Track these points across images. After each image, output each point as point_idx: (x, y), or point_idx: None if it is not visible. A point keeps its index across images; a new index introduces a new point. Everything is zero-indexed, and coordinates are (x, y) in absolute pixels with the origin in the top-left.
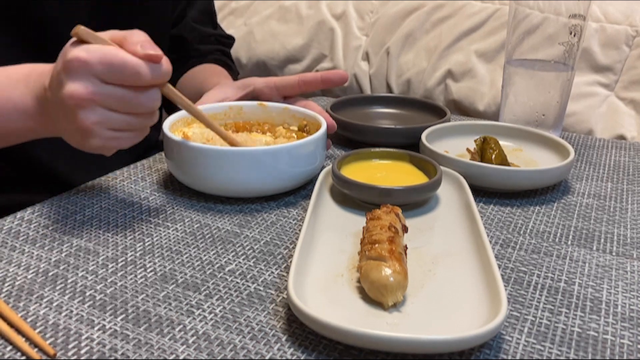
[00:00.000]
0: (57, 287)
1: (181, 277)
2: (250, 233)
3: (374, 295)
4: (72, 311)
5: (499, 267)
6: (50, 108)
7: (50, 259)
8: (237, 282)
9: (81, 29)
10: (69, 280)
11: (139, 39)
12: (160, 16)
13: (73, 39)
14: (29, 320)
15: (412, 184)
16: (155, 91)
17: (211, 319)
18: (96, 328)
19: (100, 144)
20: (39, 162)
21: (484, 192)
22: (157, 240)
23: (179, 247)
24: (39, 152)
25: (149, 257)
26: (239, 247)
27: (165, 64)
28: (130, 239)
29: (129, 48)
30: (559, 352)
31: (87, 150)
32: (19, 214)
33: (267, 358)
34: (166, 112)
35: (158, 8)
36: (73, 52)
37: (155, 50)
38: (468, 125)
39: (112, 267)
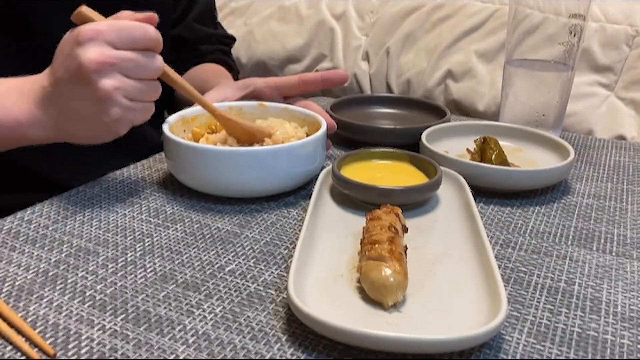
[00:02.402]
0: (57, 287)
1: (181, 277)
2: (250, 233)
3: (374, 295)
4: (72, 311)
5: (499, 267)
6: (58, 101)
7: (50, 259)
8: (237, 282)
9: (84, 8)
10: (69, 281)
11: (129, 13)
12: (161, 16)
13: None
14: (29, 320)
15: (412, 184)
16: (159, 56)
17: (211, 319)
18: (96, 328)
19: (120, 113)
20: (34, 169)
21: (484, 192)
22: (157, 240)
23: (179, 247)
24: (34, 159)
25: (149, 257)
26: (239, 247)
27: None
28: (130, 239)
29: (127, 18)
30: (559, 352)
31: (103, 135)
32: (19, 214)
33: (267, 358)
34: (167, 112)
35: (159, 8)
36: (83, 27)
37: (148, 13)
38: (468, 125)
39: (112, 267)
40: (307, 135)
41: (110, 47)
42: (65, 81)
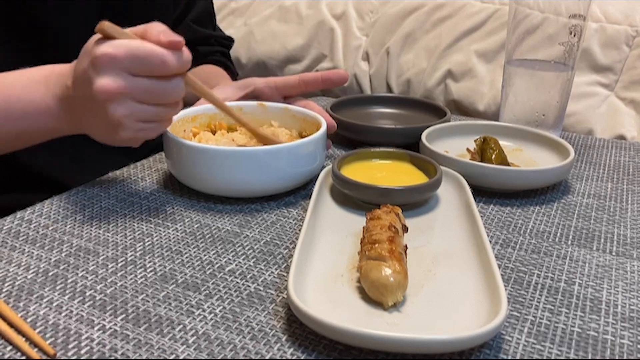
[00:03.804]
0: (57, 287)
1: (181, 277)
2: (250, 233)
3: (374, 295)
4: (72, 311)
5: (499, 267)
6: (77, 106)
7: (50, 259)
8: (237, 282)
9: (106, 24)
10: (69, 280)
11: (159, 29)
12: (160, 18)
13: (97, 36)
14: (29, 320)
15: (412, 184)
16: (180, 79)
17: (211, 319)
18: (96, 328)
19: (130, 135)
20: (34, 168)
21: (484, 192)
22: (157, 240)
23: (179, 247)
24: (33, 158)
25: (149, 257)
26: (239, 247)
27: (186, 51)
28: (130, 239)
29: (151, 39)
30: (559, 352)
31: (116, 144)
32: (19, 214)
33: (267, 358)
34: None
35: (157, 10)
36: (100, 48)
37: (176, 37)
38: (468, 125)
39: (112, 267)
40: (304, 135)
41: (126, 73)
42: (80, 98)
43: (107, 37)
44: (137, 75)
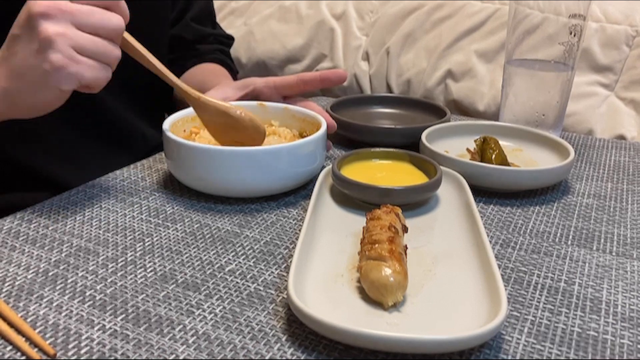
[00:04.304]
0: (57, 287)
1: (181, 277)
2: (250, 233)
3: (374, 295)
4: (72, 311)
5: (499, 267)
6: (9, 60)
7: (50, 259)
8: (237, 282)
9: None
10: (69, 280)
11: None
12: (159, 16)
13: None
14: (29, 320)
15: (412, 184)
16: (119, 16)
17: (211, 319)
18: (96, 328)
19: (62, 61)
20: (34, 168)
21: (484, 192)
22: (157, 240)
23: (179, 247)
24: (33, 158)
25: (149, 257)
26: (239, 247)
27: None
28: (130, 239)
29: None
30: (559, 352)
31: (47, 86)
32: (19, 214)
33: (267, 358)
34: (167, 113)
35: (156, 8)
36: None
37: None
38: (468, 125)
39: (112, 267)
40: (305, 135)
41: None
42: (12, 37)
43: None
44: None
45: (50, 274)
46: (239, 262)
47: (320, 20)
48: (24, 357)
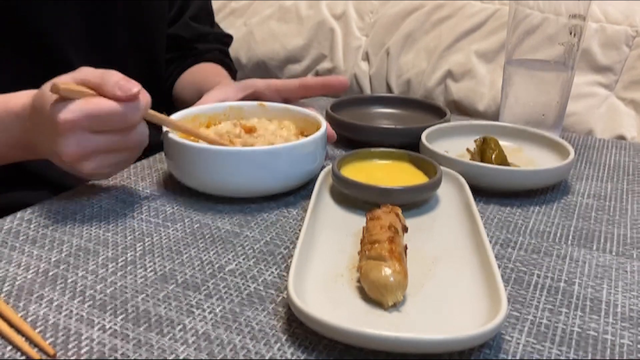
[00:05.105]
0: (57, 287)
1: (181, 277)
2: (250, 233)
3: (374, 295)
4: (72, 311)
5: (499, 267)
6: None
7: (50, 259)
8: (237, 282)
9: (60, 85)
10: (69, 280)
11: (114, 79)
12: (157, 15)
13: (53, 97)
14: (29, 320)
15: (412, 184)
16: (142, 124)
17: (211, 319)
18: (96, 328)
19: (103, 178)
20: (34, 168)
21: (484, 192)
22: (157, 240)
23: (179, 247)
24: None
25: (149, 257)
26: (239, 247)
27: (143, 97)
28: (130, 239)
29: (108, 94)
30: (559, 352)
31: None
32: (19, 214)
33: (267, 358)
34: (166, 113)
35: (155, 7)
36: (60, 115)
37: (132, 86)
38: (468, 125)
39: (112, 267)
40: (305, 135)
41: (88, 132)
42: (47, 150)
43: (63, 99)
44: (101, 132)
45: (50, 273)
46: (239, 262)
47: (320, 21)
48: (24, 357)
